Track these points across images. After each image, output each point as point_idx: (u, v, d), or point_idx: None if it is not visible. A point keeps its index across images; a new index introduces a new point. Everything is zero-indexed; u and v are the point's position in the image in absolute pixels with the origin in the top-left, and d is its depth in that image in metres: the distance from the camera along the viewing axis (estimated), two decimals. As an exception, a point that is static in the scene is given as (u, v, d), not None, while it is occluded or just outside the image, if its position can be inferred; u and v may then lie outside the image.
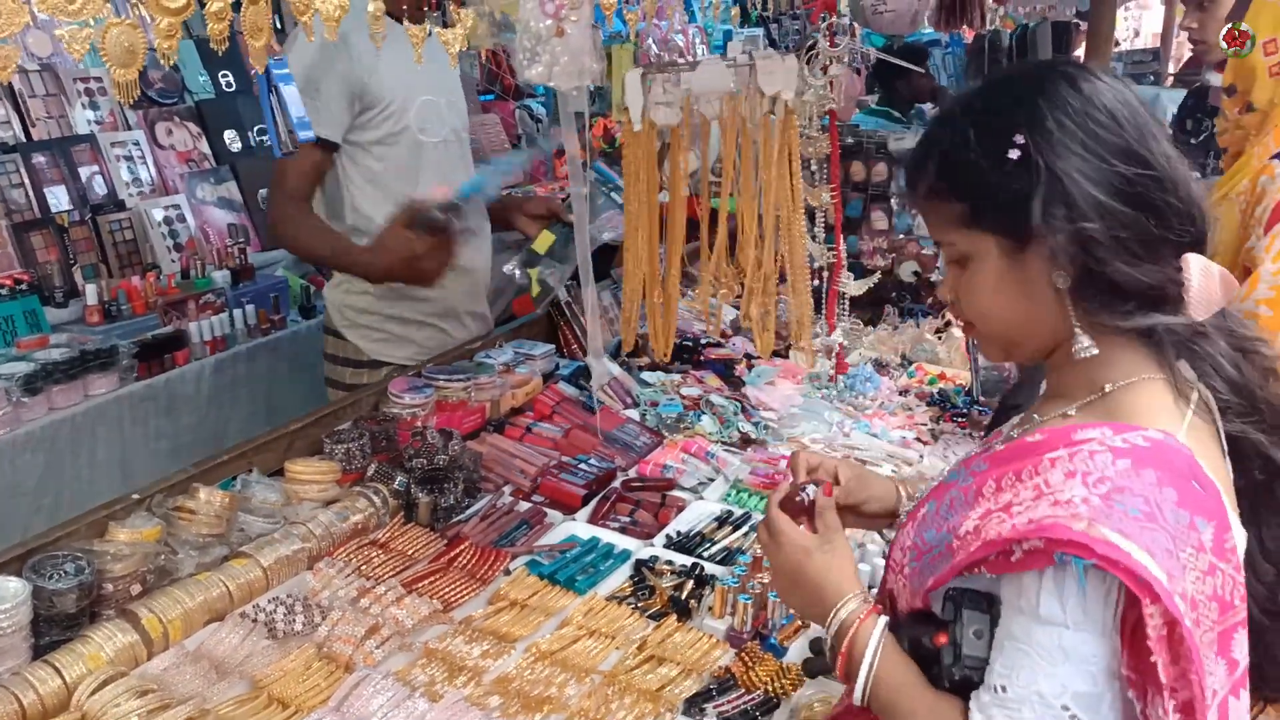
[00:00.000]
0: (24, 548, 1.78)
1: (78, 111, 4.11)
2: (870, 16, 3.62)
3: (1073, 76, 1.11)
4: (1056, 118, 1.08)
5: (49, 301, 3.57)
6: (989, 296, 1.15)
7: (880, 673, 1.13)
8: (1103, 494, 0.99)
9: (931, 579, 1.12)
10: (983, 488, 1.11)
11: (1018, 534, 1.01)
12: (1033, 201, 1.07)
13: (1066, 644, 1.01)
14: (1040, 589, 1.02)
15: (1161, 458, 1.02)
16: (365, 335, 2.75)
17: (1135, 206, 1.07)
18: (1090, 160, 1.07)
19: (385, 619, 1.77)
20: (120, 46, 1.34)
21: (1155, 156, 1.09)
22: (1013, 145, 1.08)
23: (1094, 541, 0.96)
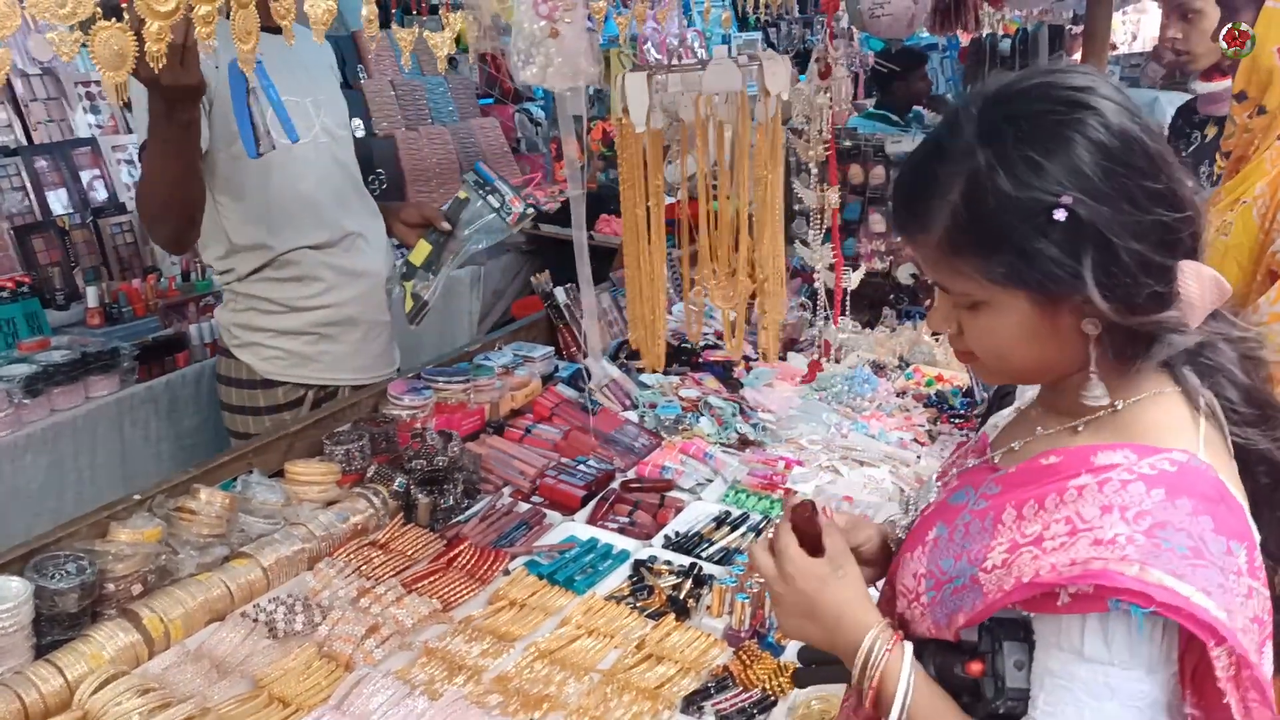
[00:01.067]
0: (26, 548, 1.79)
1: (78, 115, 4.13)
2: (868, 20, 3.63)
3: (1095, 109, 1.01)
4: (1102, 166, 0.99)
5: (50, 304, 3.58)
6: (1010, 343, 1.08)
7: (915, 707, 1.08)
8: (1145, 529, 0.96)
9: (962, 616, 1.07)
10: (1001, 515, 1.06)
11: (1062, 578, 0.97)
12: (1081, 267, 0.99)
13: (1114, 682, 0.99)
14: (1084, 630, 0.99)
15: (1191, 483, 0.99)
16: (255, 353, 2.55)
17: (1172, 254, 1.02)
18: (1135, 214, 0.99)
19: (385, 618, 1.78)
20: (110, 49, 1.35)
21: (1188, 190, 1.03)
22: (1056, 206, 0.98)
23: (1150, 588, 0.93)
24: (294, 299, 2.52)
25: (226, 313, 2.59)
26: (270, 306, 2.51)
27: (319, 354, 2.58)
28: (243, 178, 2.40)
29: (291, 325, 2.54)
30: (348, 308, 2.60)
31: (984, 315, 1.08)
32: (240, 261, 2.49)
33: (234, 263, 2.50)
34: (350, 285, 2.58)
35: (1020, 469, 1.10)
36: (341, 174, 2.61)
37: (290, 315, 2.53)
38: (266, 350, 2.54)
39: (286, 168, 2.43)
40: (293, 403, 2.57)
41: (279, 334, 2.54)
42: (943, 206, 1.05)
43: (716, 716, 1.61)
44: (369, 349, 2.69)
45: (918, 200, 1.08)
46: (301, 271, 2.50)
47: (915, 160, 1.11)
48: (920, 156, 1.10)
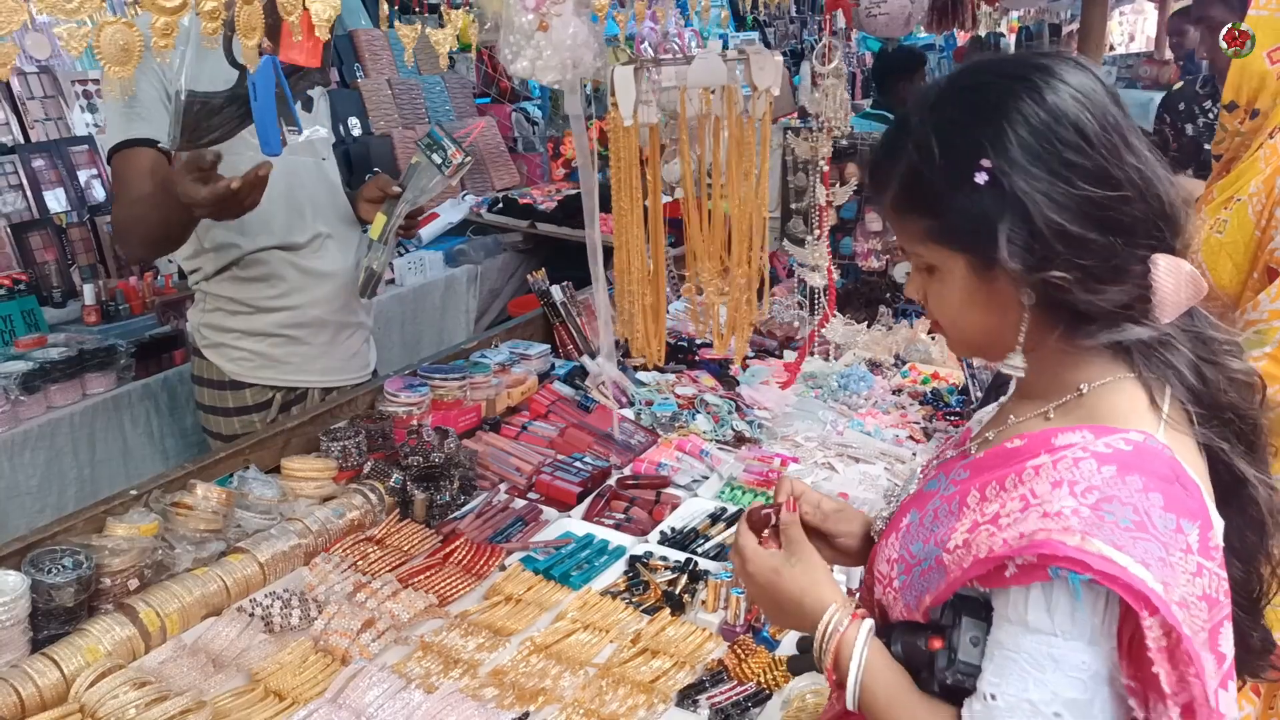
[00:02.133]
0: (23, 542, 1.79)
1: (75, 114, 4.13)
2: (864, 19, 3.64)
3: (1039, 86, 1.05)
4: (1022, 139, 1.03)
5: (47, 301, 3.59)
6: (957, 307, 1.13)
7: (867, 679, 1.12)
8: (1092, 504, 0.98)
9: (929, 596, 1.10)
10: (966, 498, 1.09)
11: (1011, 550, 1.00)
12: (998, 229, 1.03)
13: (1056, 652, 1.01)
14: (1028, 600, 1.01)
15: (1145, 461, 1.01)
16: (224, 355, 2.53)
17: (1105, 231, 1.03)
18: (1058, 185, 1.02)
19: (381, 613, 1.79)
20: (115, 45, 1.35)
21: (1127, 170, 1.04)
22: (978, 169, 1.03)
23: (1089, 556, 0.95)
24: (259, 299, 2.50)
25: (196, 313, 2.58)
26: (236, 307, 2.50)
27: (286, 356, 2.55)
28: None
29: (258, 326, 2.51)
30: (314, 309, 2.56)
31: (936, 280, 1.13)
32: (207, 261, 2.48)
33: (201, 262, 2.49)
34: (316, 286, 2.55)
35: (988, 454, 1.13)
36: (316, 176, 2.58)
37: (256, 316, 2.51)
38: (234, 351, 2.53)
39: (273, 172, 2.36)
40: (261, 404, 2.56)
41: (245, 335, 2.52)
42: (894, 171, 1.12)
43: (711, 710, 1.61)
44: (339, 351, 2.66)
45: (878, 166, 1.16)
46: (267, 271, 2.48)
47: (884, 134, 1.19)
48: (887, 130, 1.19)
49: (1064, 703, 1.00)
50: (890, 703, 1.11)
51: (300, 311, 2.53)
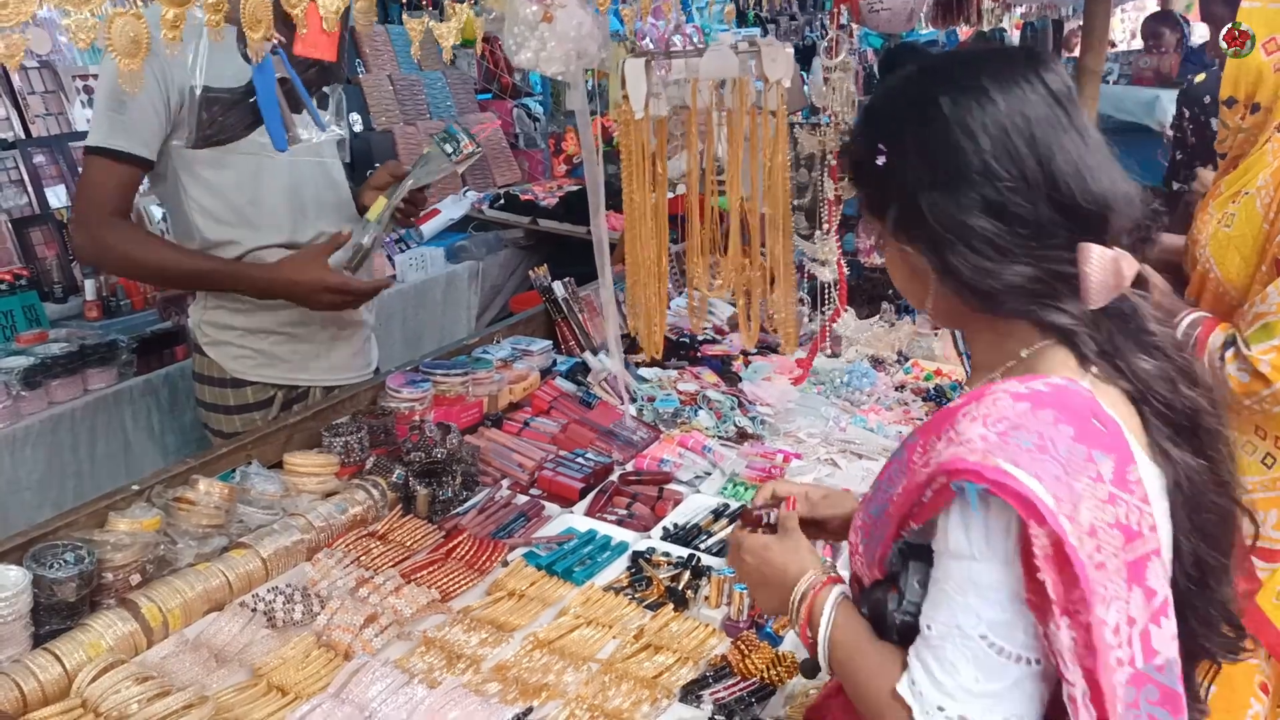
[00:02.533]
0: (24, 537, 1.79)
1: (76, 109, 4.13)
2: (867, 15, 3.62)
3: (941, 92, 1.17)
4: (919, 135, 1.17)
5: (48, 297, 3.59)
6: (892, 272, 1.29)
7: (834, 634, 1.21)
8: (1000, 431, 1.06)
9: (880, 547, 1.19)
10: (912, 455, 1.17)
11: (926, 477, 1.10)
12: (889, 206, 1.21)
13: (974, 575, 1.07)
14: (949, 525, 1.09)
15: (1060, 399, 1.09)
16: (225, 352, 2.52)
17: (992, 218, 1.13)
18: (940, 180, 1.15)
19: (384, 608, 1.79)
20: (125, 37, 1.35)
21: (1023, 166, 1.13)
22: (879, 153, 1.20)
23: (985, 469, 1.03)
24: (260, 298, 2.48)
25: (198, 310, 2.57)
26: (238, 304, 2.48)
27: (288, 354, 2.55)
28: (218, 174, 2.38)
29: (259, 324, 2.51)
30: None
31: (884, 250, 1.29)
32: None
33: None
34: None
35: (934, 415, 1.22)
36: (321, 174, 2.57)
37: (258, 313, 2.50)
38: (235, 349, 2.52)
39: (265, 166, 2.40)
40: (262, 402, 2.55)
41: (247, 332, 2.51)
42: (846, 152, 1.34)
43: (714, 705, 1.61)
44: (340, 349, 2.65)
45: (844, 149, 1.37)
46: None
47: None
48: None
49: (988, 624, 1.06)
50: (850, 653, 1.20)
51: (302, 310, 2.51)
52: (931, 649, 1.09)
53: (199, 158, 2.34)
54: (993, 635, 1.06)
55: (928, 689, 1.09)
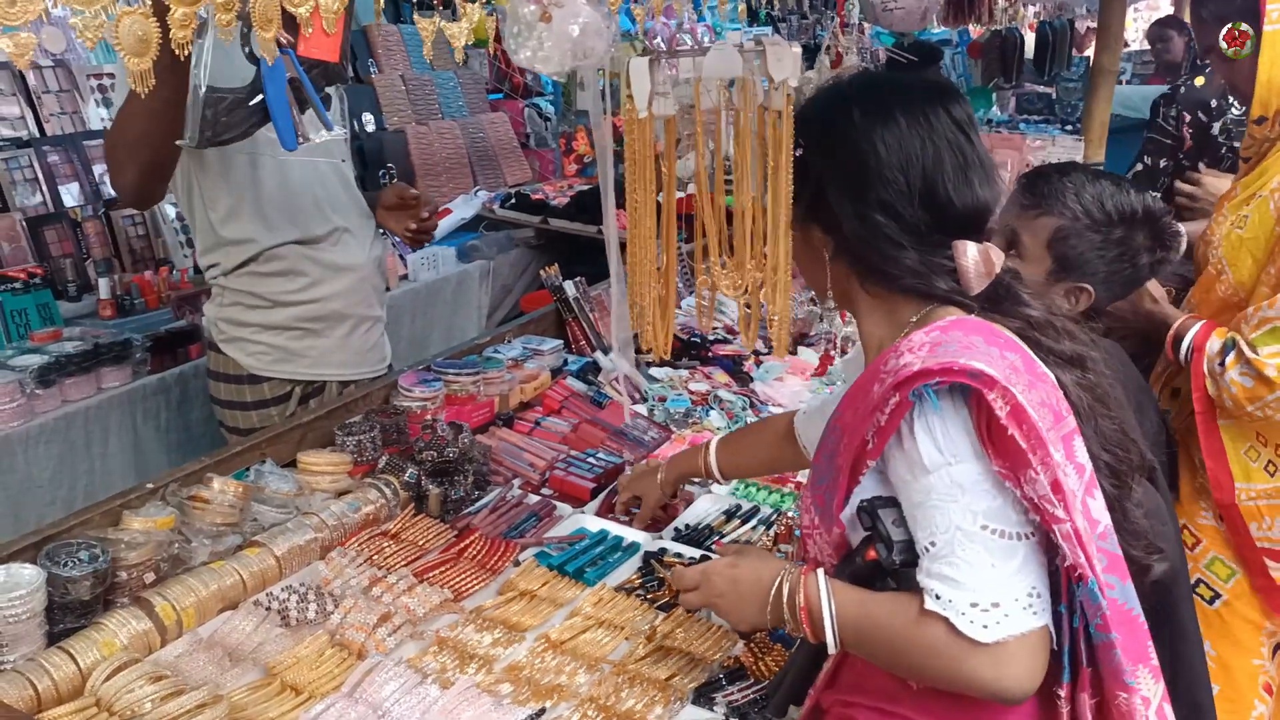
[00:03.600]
0: (39, 535, 1.79)
1: (90, 108, 4.14)
2: (880, 14, 3.63)
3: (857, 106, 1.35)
4: (830, 137, 1.37)
5: (62, 295, 3.60)
6: (796, 252, 1.50)
7: (839, 607, 1.27)
8: (926, 350, 1.19)
9: (835, 499, 1.28)
10: (841, 419, 1.30)
11: (875, 402, 1.21)
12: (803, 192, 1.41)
13: (956, 477, 1.17)
14: (916, 443, 1.19)
15: (962, 324, 1.25)
16: (242, 348, 2.54)
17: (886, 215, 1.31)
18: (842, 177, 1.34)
19: (397, 608, 1.79)
20: (134, 36, 1.35)
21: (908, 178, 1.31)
22: (799, 145, 1.43)
23: (931, 366, 1.16)
24: (279, 293, 2.50)
25: (213, 307, 2.58)
26: (255, 301, 2.50)
27: (305, 349, 2.56)
28: (232, 173, 2.38)
29: (276, 320, 2.52)
30: (333, 302, 2.57)
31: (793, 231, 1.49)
32: (225, 256, 2.48)
33: (219, 257, 2.49)
34: (336, 280, 2.56)
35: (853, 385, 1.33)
36: (333, 171, 2.58)
37: (275, 310, 2.51)
38: (252, 345, 2.53)
39: (277, 163, 2.41)
40: (279, 398, 2.57)
41: (264, 329, 2.52)
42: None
43: (728, 708, 1.61)
44: (356, 344, 2.66)
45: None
46: (287, 266, 2.48)
47: None
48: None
49: (984, 514, 1.17)
50: (861, 613, 1.27)
51: (319, 305, 2.54)
52: (941, 560, 1.18)
53: (212, 157, 2.35)
54: (991, 522, 1.16)
55: (953, 593, 1.17)
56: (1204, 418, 2.08)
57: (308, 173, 2.49)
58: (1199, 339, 2.05)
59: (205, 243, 2.48)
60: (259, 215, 2.44)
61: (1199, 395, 2.06)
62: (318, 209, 2.51)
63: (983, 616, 1.16)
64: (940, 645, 1.18)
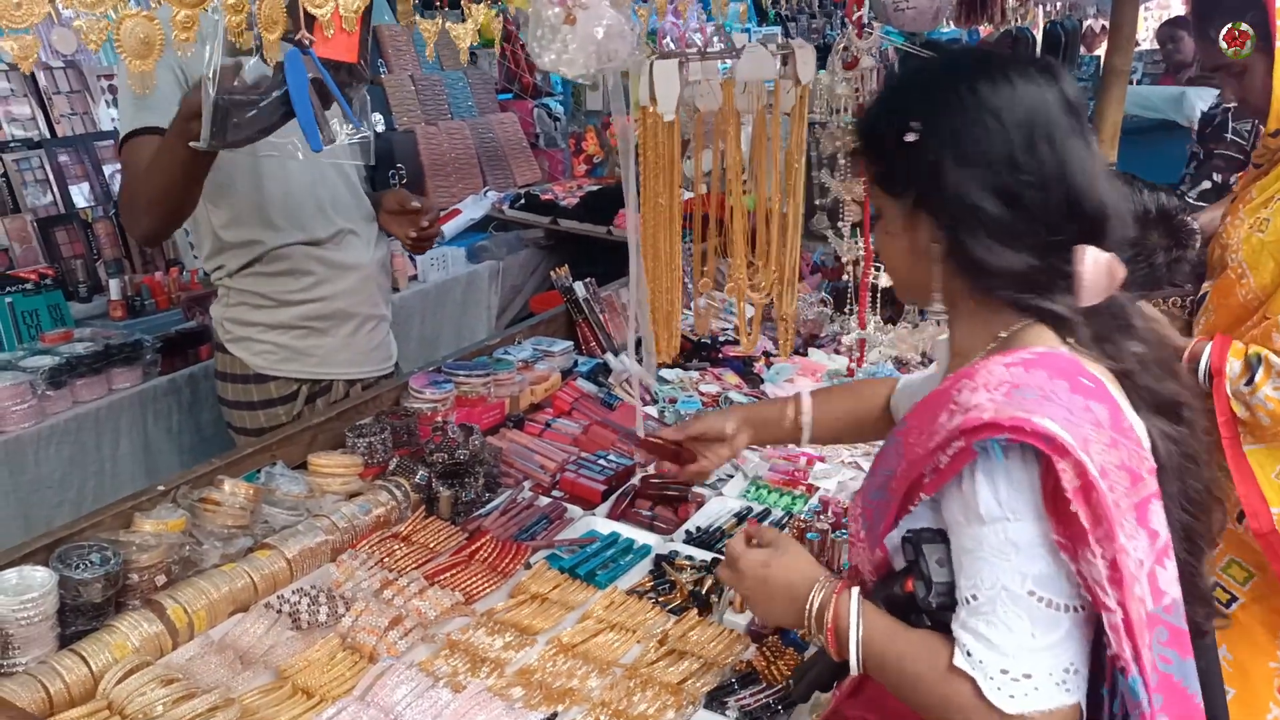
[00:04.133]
0: (51, 538, 1.79)
1: (101, 108, 4.15)
2: (891, 14, 3.60)
3: (975, 78, 1.22)
4: (949, 116, 1.22)
5: (73, 296, 3.60)
6: (889, 250, 1.33)
7: (866, 634, 1.21)
8: (1003, 392, 1.12)
9: (882, 523, 1.23)
10: (909, 437, 1.22)
11: (940, 442, 1.14)
12: (913, 181, 1.25)
13: (1011, 535, 1.11)
14: (975, 490, 1.12)
15: (1048, 361, 1.16)
16: (248, 348, 2.54)
17: (1006, 205, 1.19)
18: (968, 160, 1.20)
19: (408, 610, 1.78)
20: (135, 38, 1.35)
21: (1042, 163, 1.19)
22: (909, 130, 1.23)
23: (1002, 419, 1.09)
24: (284, 293, 2.51)
25: (219, 308, 2.58)
26: (261, 301, 2.50)
27: (310, 348, 2.56)
28: (234, 176, 2.39)
29: (282, 319, 2.52)
30: (338, 301, 2.57)
31: (881, 226, 1.33)
32: (230, 258, 2.48)
33: (223, 259, 2.49)
34: (340, 279, 2.56)
35: (923, 400, 1.26)
36: (336, 173, 2.57)
37: (281, 309, 2.51)
38: (258, 345, 2.53)
39: (280, 166, 2.41)
40: (286, 397, 2.57)
41: (270, 328, 2.53)
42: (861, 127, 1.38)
43: (740, 712, 1.60)
44: (362, 343, 2.66)
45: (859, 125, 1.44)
46: (291, 265, 2.49)
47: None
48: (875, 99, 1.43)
49: (1034, 579, 1.10)
50: (887, 647, 1.21)
51: (325, 304, 2.54)
52: (981, 616, 1.12)
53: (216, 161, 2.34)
54: (1040, 589, 1.10)
55: (986, 655, 1.11)
56: (1230, 443, 2.00)
57: (312, 176, 2.49)
58: (1215, 362, 1.99)
59: (209, 246, 2.48)
60: (263, 219, 2.44)
61: (1224, 420, 1.99)
62: (322, 211, 2.51)
63: (1012, 685, 1.10)
64: (963, 703, 1.13)
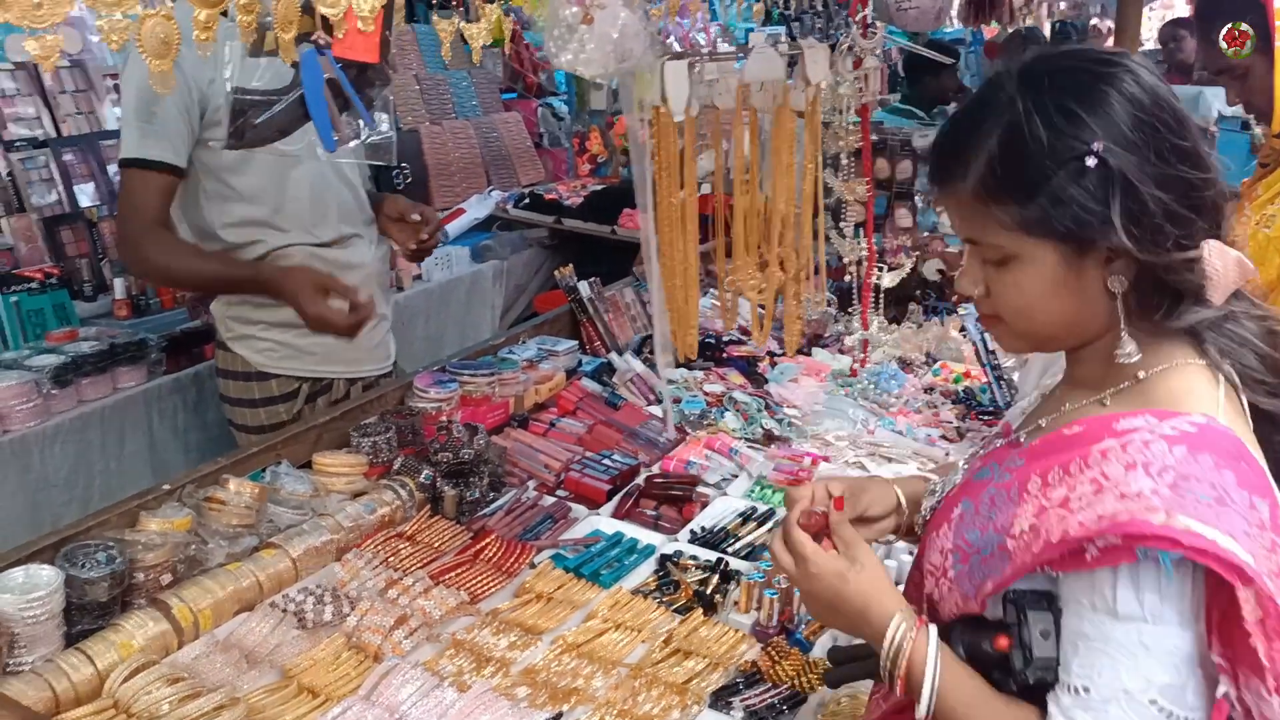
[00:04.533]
0: (57, 536, 1.80)
1: (106, 108, 4.15)
2: (895, 13, 3.60)
3: (1130, 69, 1.06)
4: (1132, 118, 1.04)
5: (78, 295, 3.61)
6: (1038, 298, 1.10)
7: (944, 687, 1.10)
8: (1170, 483, 0.98)
9: (990, 582, 1.09)
10: (1026, 484, 1.08)
11: (1089, 532, 0.99)
12: (1111, 214, 1.02)
13: (1147, 639, 1.00)
14: (1116, 585, 1.00)
15: (1211, 441, 1.02)
16: (250, 346, 2.55)
17: (1195, 211, 1.05)
18: (1160, 166, 1.03)
19: (413, 610, 1.78)
20: (155, 38, 1.35)
21: (1203, 149, 1.07)
22: (1089, 153, 1.02)
23: (1179, 533, 0.95)
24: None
25: (221, 305, 2.59)
26: (263, 299, 2.49)
27: (312, 346, 2.55)
28: (242, 180, 2.41)
29: (284, 317, 2.49)
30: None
31: (1013, 270, 1.10)
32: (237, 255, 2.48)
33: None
34: (343, 278, 2.51)
35: (1043, 441, 1.13)
36: (339, 179, 2.58)
37: (282, 308, 2.48)
38: (260, 343, 2.55)
39: (285, 171, 2.43)
40: (287, 395, 2.58)
41: (271, 326, 2.53)
42: (979, 154, 1.08)
43: (745, 712, 1.60)
44: (363, 341, 2.62)
45: (956, 148, 1.12)
46: (294, 265, 2.48)
47: (957, 115, 1.17)
48: (964, 110, 1.16)
49: (1159, 689, 1.00)
50: (970, 709, 1.10)
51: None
52: (1090, 712, 1.02)
53: (223, 162, 2.36)
54: (1164, 699, 1.00)
55: None
56: None
57: (316, 178, 2.50)
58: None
59: (212, 246, 2.48)
60: (266, 221, 2.46)
61: None
62: (323, 215, 2.53)
63: None
64: None
